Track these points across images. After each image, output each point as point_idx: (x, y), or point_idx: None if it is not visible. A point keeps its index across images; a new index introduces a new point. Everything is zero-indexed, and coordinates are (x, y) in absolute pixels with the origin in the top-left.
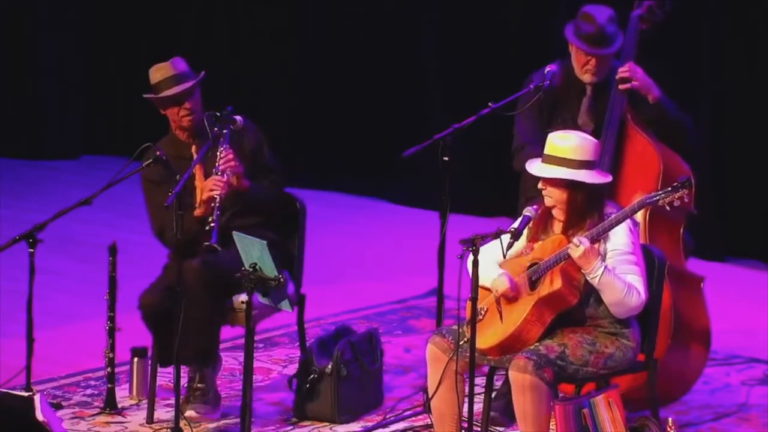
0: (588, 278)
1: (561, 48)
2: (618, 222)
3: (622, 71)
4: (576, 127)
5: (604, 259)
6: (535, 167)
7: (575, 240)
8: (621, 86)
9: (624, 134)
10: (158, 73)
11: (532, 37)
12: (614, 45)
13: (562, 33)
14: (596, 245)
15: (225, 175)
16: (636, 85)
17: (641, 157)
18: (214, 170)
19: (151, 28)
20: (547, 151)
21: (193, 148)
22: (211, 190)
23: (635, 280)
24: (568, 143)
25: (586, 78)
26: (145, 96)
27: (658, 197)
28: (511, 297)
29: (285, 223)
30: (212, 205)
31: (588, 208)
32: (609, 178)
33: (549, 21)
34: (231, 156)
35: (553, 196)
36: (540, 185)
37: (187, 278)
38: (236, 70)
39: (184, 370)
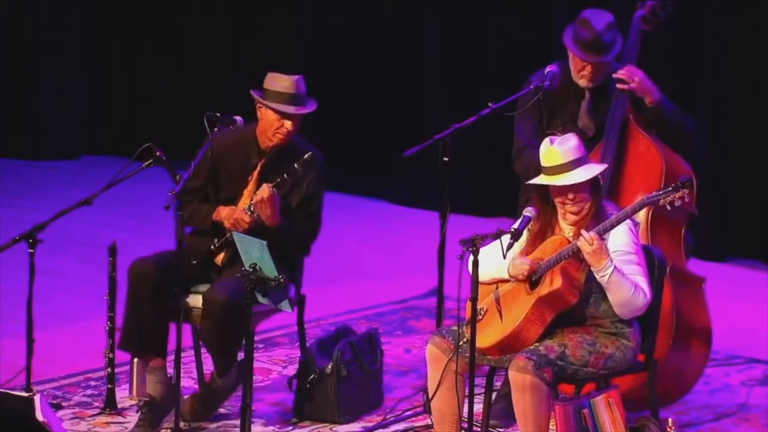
0: (597, 276)
1: (561, 48)
2: (619, 221)
3: (621, 74)
4: (576, 128)
5: None
6: (562, 178)
7: (586, 235)
8: (618, 86)
9: (626, 135)
10: (280, 83)
11: (532, 38)
12: (611, 53)
13: (562, 34)
14: None
15: (254, 215)
16: (633, 87)
17: (643, 158)
18: (246, 207)
19: (151, 29)
20: (556, 161)
21: (261, 161)
22: (234, 225)
23: (640, 280)
24: (569, 144)
25: (582, 83)
26: (252, 93)
27: (658, 197)
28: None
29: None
30: (225, 233)
31: (601, 204)
32: (605, 165)
33: (549, 21)
34: (269, 207)
35: (583, 200)
36: (569, 198)
37: (210, 308)
38: (236, 69)
39: (185, 372)
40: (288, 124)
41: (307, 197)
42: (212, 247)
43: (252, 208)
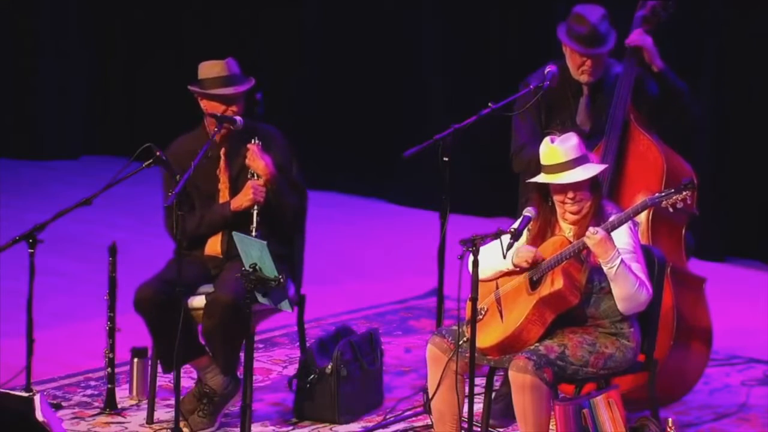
0: (605, 268)
1: (560, 48)
2: (620, 222)
3: (632, 37)
4: (574, 126)
5: None
6: (563, 176)
7: (591, 230)
8: (629, 44)
9: (627, 135)
10: (211, 69)
11: (531, 38)
12: (608, 44)
13: (557, 33)
14: None
15: (257, 177)
16: (646, 47)
17: (644, 158)
18: (249, 174)
19: (151, 29)
20: (556, 159)
21: (222, 150)
22: (254, 196)
23: (643, 276)
24: (570, 143)
25: (583, 78)
26: (190, 88)
27: (661, 198)
28: (539, 262)
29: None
30: (252, 210)
31: (601, 204)
32: (605, 165)
33: (548, 21)
34: (260, 158)
35: (583, 200)
36: (569, 196)
37: (214, 308)
38: None
39: (185, 371)
40: (233, 107)
41: (280, 167)
42: (252, 228)
43: (252, 173)
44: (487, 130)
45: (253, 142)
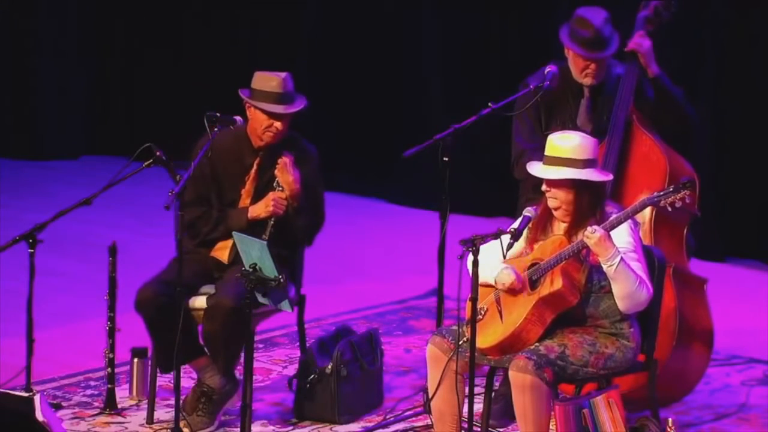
0: (605, 266)
1: (559, 48)
2: (620, 222)
3: (632, 43)
4: (575, 128)
5: None
6: (539, 169)
7: (590, 229)
8: (629, 49)
9: (630, 136)
10: (268, 83)
11: (531, 38)
12: (611, 47)
13: (558, 34)
14: None
15: (282, 188)
16: (643, 52)
17: (647, 158)
18: (275, 184)
19: (151, 29)
20: (549, 152)
21: (257, 160)
22: (273, 208)
23: (643, 275)
24: (570, 143)
25: (586, 81)
26: (241, 94)
27: (660, 197)
28: (516, 290)
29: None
30: (269, 221)
31: (592, 207)
32: (611, 176)
33: (548, 21)
34: (290, 173)
35: (558, 197)
36: (544, 187)
37: (216, 312)
38: (237, 69)
39: (185, 371)
40: (278, 123)
41: (305, 185)
42: (264, 238)
43: (277, 183)
44: (487, 130)
45: (287, 153)
